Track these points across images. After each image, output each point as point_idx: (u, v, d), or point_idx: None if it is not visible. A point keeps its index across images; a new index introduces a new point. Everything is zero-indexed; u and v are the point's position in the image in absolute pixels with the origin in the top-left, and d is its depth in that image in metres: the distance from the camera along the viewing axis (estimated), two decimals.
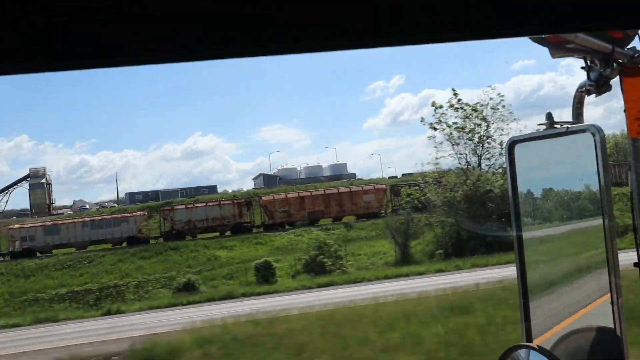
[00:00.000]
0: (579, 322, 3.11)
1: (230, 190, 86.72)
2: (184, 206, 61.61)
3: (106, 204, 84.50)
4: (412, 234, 43.88)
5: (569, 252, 3.42)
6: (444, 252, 42.03)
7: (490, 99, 49.02)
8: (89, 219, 59.45)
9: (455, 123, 48.33)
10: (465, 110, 48.66)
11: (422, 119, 48.62)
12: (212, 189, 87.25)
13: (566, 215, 3.28)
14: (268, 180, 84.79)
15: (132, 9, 0.99)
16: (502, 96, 49.62)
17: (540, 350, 2.85)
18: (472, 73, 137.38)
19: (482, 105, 48.90)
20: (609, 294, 2.82)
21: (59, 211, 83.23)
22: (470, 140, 48.98)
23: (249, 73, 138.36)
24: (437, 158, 48.58)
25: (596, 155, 2.70)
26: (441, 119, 48.39)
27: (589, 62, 2.69)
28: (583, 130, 2.76)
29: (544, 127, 2.89)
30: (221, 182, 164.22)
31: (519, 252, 3.06)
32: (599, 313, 2.96)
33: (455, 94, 48.58)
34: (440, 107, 48.35)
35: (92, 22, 0.98)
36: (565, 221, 3.31)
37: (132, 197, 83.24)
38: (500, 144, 49.39)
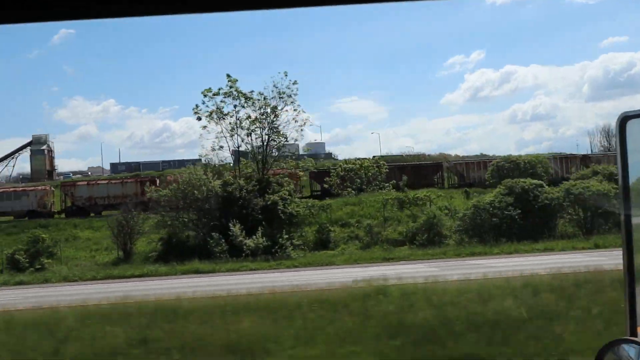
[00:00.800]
0: None
1: None
2: (85, 183, 63.88)
3: (89, 173, 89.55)
4: (138, 232, 42.79)
5: None
6: (158, 255, 40.81)
7: (274, 86, 46.27)
8: None
9: (226, 112, 46.23)
10: (248, 98, 46.27)
11: (196, 106, 46.38)
12: (198, 162, 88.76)
13: None
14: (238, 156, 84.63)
15: None
16: (295, 83, 46.57)
17: None
18: (557, 49, 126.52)
19: (260, 94, 46.36)
20: None
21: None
22: (254, 131, 46.72)
23: (326, 45, 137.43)
24: (214, 149, 46.93)
25: None
26: (218, 106, 46.46)
27: None
28: None
29: None
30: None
31: (626, 236, 2.81)
32: None
33: (230, 80, 46.15)
34: (217, 94, 46.18)
35: None
36: None
37: (114, 167, 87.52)
38: (285, 136, 46.73)
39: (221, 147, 46.14)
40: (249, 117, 46.54)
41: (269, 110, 46.60)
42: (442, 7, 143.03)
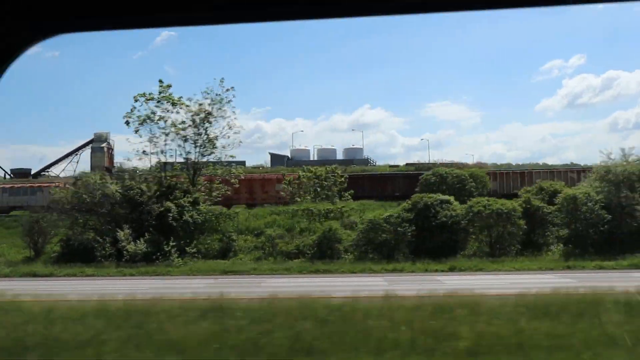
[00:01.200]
0: None
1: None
2: None
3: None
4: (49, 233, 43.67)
5: None
6: (57, 256, 41.43)
7: (207, 93, 45.89)
8: (8, 185, 67.28)
9: (158, 118, 46.07)
10: (175, 104, 46.16)
11: (133, 108, 46.41)
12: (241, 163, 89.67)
13: None
14: (275, 160, 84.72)
15: None
16: (231, 89, 46.03)
17: None
18: None
19: (190, 100, 46.09)
20: None
21: None
22: (184, 137, 46.47)
23: (418, 48, 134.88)
24: (145, 153, 47.12)
25: None
26: (154, 111, 46.37)
27: None
28: None
29: None
30: (385, 156, 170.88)
31: None
32: None
33: (162, 85, 46.06)
34: (151, 99, 46.14)
35: None
36: None
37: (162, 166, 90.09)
38: (213, 143, 46.13)
39: (144, 152, 46.06)
40: (183, 122, 46.26)
41: (202, 115, 46.14)
42: (540, 9, 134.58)
